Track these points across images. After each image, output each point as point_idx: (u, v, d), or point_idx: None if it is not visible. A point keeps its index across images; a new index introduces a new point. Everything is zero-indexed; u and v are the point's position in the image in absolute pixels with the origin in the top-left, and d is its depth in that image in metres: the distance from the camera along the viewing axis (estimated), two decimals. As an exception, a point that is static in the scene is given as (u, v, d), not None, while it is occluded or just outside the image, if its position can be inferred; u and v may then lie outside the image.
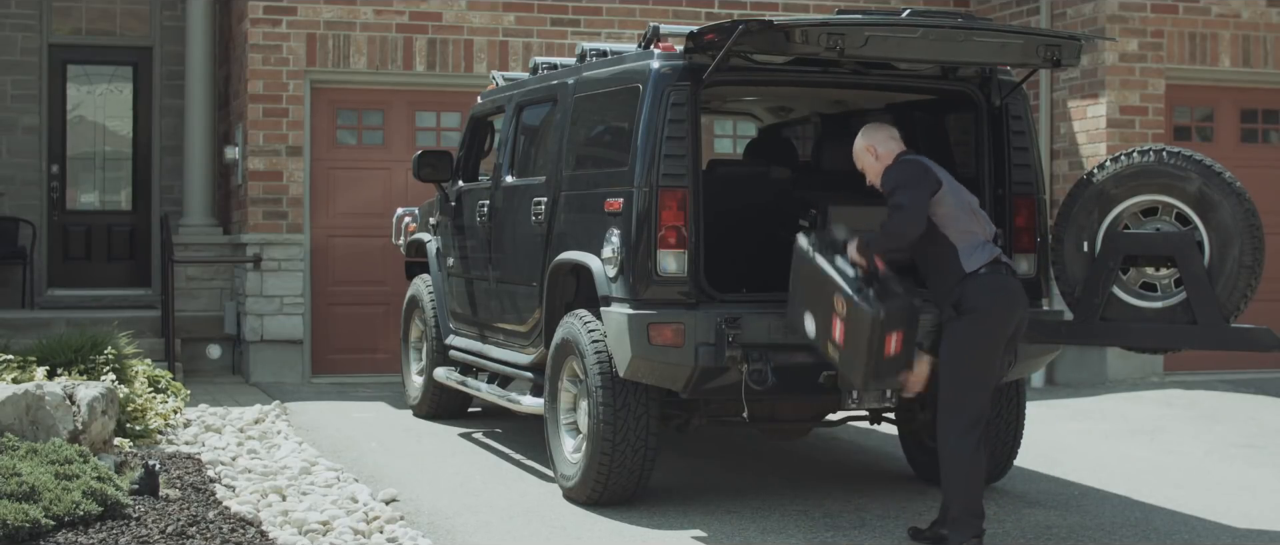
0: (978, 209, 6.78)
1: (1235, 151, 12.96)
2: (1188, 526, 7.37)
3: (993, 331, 6.56)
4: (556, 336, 7.83)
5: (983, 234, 6.66)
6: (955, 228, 6.61)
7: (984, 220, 6.75)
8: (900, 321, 6.51)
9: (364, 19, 12.81)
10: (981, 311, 6.51)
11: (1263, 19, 12.86)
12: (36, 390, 8.10)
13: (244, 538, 6.45)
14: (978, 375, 6.57)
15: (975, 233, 6.64)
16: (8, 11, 14.30)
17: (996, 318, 6.55)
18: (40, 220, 14.43)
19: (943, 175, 6.69)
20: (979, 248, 6.60)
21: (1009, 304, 6.59)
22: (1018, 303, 6.64)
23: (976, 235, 6.64)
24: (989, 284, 6.54)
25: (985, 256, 6.58)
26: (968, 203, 6.72)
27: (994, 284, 6.55)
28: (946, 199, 6.61)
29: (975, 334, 6.54)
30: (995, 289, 6.54)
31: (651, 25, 7.67)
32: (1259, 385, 12.07)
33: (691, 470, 8.63)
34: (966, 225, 6.63)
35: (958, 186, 6.75)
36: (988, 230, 6.72)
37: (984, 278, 6.55)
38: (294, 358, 12.78)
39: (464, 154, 10.03)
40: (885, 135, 6.91)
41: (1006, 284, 6.60)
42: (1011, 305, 6.60)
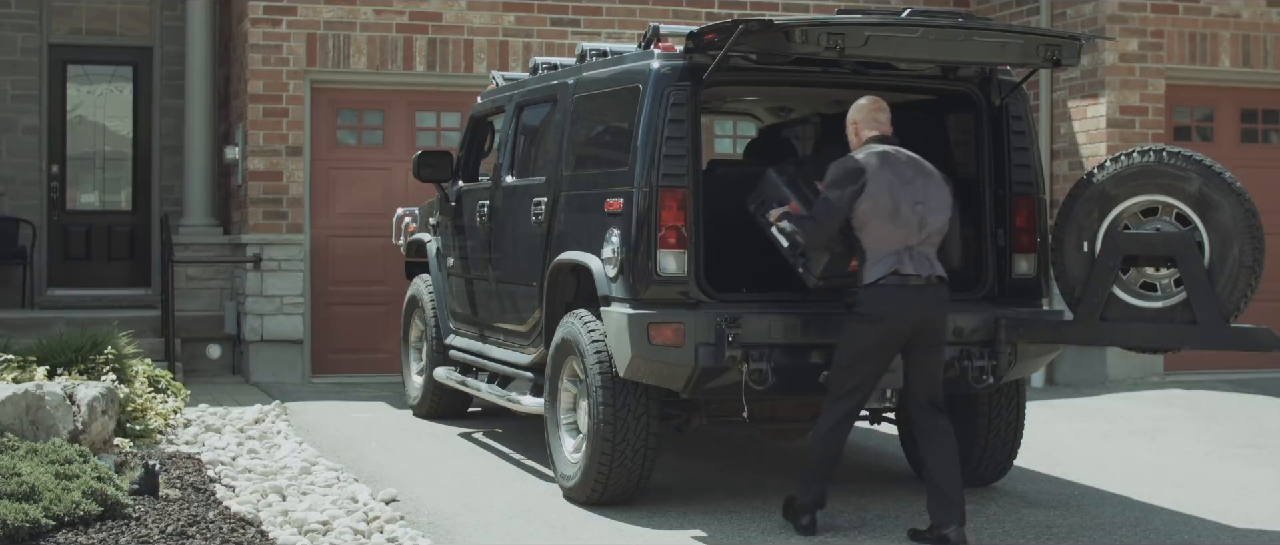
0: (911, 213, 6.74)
1: (1235, 151, 12.96)
2: (1188, 526, 7.37)
3: (880, 339, 6.76)
4: (556, 336, 7.82)
5: (898, 242, 6.72)
6: (868, 232, 6.75)
7: (912, 226, 6.74)
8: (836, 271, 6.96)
9: (364, 19, 12.81)
10: (870, 319, 6.74)
11: (1263, 19, 12.86)
12: (36, 390, 8.10)
13: (244, 538, 6.45)
14: (860, 375, 6.83)
15: (887, 241, 6.73)
16: (8, 11, 14.30)
17: (885, 327, 6.73)
18: (40, 220, 14.43)
19: (879, 177, 6.72)
20: (884, 258, 6.72)
21: (900, 315, 6.72)
22: (910, 313, 6.73)
23: (888, 244, 6.73)
24: (882, 295, 6.70)
25: (884, 268, 6.70)
26: (890, 208, 6.71)
27: (887, 296, 6.70)
28: (865, 204, 6.71)
29: (861, 338, 6.79)
30: (887, 301, 6.70)
31: (651, 25, 7.67)
32: (1259, 385, 12.07)
33: (691, 470, 8.63)
34: (880, 232, 6.73)
35: (896, 189, 6.73)
36: (915, 235, 6.74)
37: (879, 288, 6.71)
38: (294, 358, 12.78)
39: (464, 154, 10.03)
40: (870, 117, 7.00)
41: (901, 297, 6.70)
42: (902, 317, 6.72)
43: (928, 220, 6.79)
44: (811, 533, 6.96)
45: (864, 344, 6.79)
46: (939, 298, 6.84)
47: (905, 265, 6.72)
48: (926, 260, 6.79)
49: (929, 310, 6.80)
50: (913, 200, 6.77)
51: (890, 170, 6.77)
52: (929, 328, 6.83)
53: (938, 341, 6.92)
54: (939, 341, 6.93)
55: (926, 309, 6.78)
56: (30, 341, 10.74)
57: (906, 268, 6.72)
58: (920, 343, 6.85)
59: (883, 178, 6.73)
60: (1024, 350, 7.60)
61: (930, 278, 6.78)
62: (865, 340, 6.79)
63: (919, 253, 6.77)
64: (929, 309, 6.79)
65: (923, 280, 6.75)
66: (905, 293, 6.72)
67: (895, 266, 6.71)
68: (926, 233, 6.80)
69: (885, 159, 6.80)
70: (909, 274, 6.72)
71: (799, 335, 7.22)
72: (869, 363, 6.83)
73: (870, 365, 6.84)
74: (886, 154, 6.83)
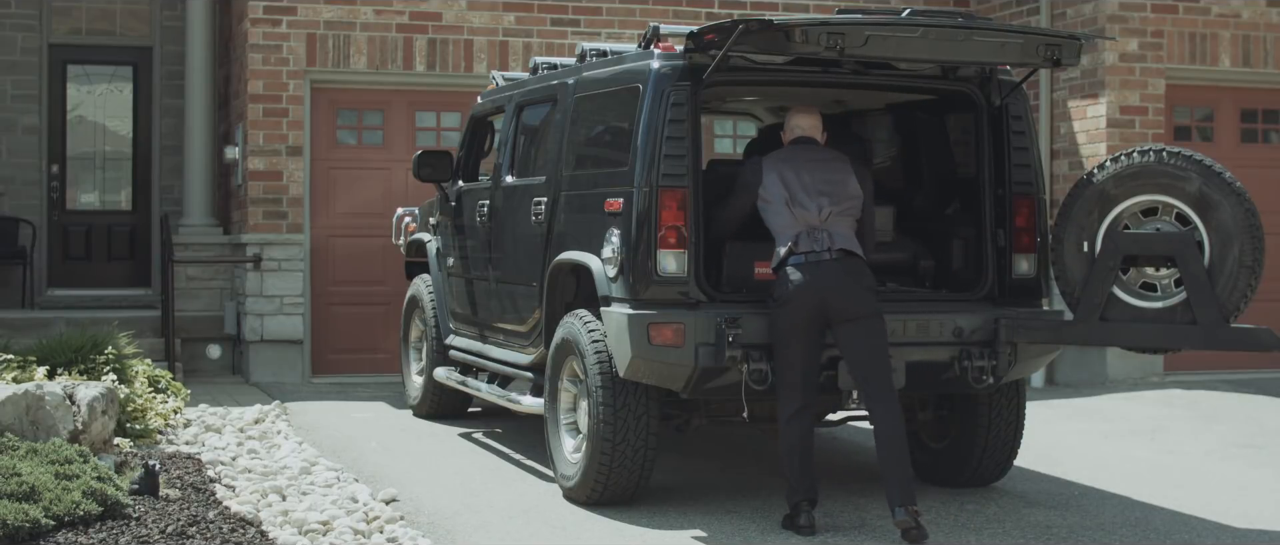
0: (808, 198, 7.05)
1: (1235, 151, 12.96)
2: (1188, 526, 7.37)
3: (793, 320, 6.93)
4: (556, 336, 7.82)
5: (799, 224, 7.01)
6: (772, 221, 7.11)
7: (809, 209, 7.02)
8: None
9: (364, 19, 12.81)
10: (779, 301, 6.97)
11: (1263, 19, 12.86)
12: (36, 390, 8.10)
13: (244, 538, 6.45)
14: (790, 362, 6.96)
15: (787, 226, 7.04)
16: (8, 11, 14.31)
17: (794, 307, 6.91)
18: (40, 220, 14.43)
19: (774, 170, 7.13)
20: (784, 241, 7.02)
21: (803, 290, 6.90)
22: (810, 287, 6.90)
23: (788, 228, 7.03)
24: (786, 276, 6.96)
25: (784, 249, 7.00)
26: (786, 196, 7.06)
27: (788, 275, 6.94)
28: (764, 193, 7.13)
29: (777, 322, 6.99)
30: (788, 280, 6.93)
31: (651, 25, 7.67)
32: (1259, 385, 12.07)
33: (691, 470, 8.63)
34: (779, 219, 7.07)
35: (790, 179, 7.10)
36: (814, 217, 7.01)
37: (785, 271, 6.97)
38: (294, 358, 12.78)
39: (464, 154, 10.03)
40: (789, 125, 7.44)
41: (801, 273, 6.91)
42: (805, 291, 6.89)
43: (824, 204, 7.06)
44: (810, 532, 6.96)
45: (780, 327, 6.97)
46: (842, 269, 6.96)
47: (801, 242, 6.96)
48: (826, 236, 6.99)
49: (831, 281, 6.91)
50: (810, 187, 7.08)
51: (787, 164, 7.17)
52: (840, 301, 6.91)
53: (859, 314, 6.94)
54: (859, 315, 6.94)
55: (828, 280, 6.91)
56: (30, 341, 10.74)
57: (802, 245, 6.96)
58: (839, 318, 6.93)
59: (776, 171, 7.13)
60: (1024, 350, 7.60)
61: (831, 250, 6.95)
62: (780, 323, 6.96)
63: (819, 231, 7.00)
64: (831, 279, 6.92)
65: (824, 253, 6.94)
66: (804, 268, 6.92)
67: (791, 245, 6.98)
68: (825, 214, 7.04)
69: (783, 155, 7.23)
70: (806, 251, 6.94)
71: None
72: (794, 346, 6.95)
73: (796, 349, 6.95)
74: (788, 149, 7.29)
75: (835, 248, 6.98)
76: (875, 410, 6.97)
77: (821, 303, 6.90)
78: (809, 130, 7.38)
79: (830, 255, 6.96)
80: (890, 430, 6.91)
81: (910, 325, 7.44)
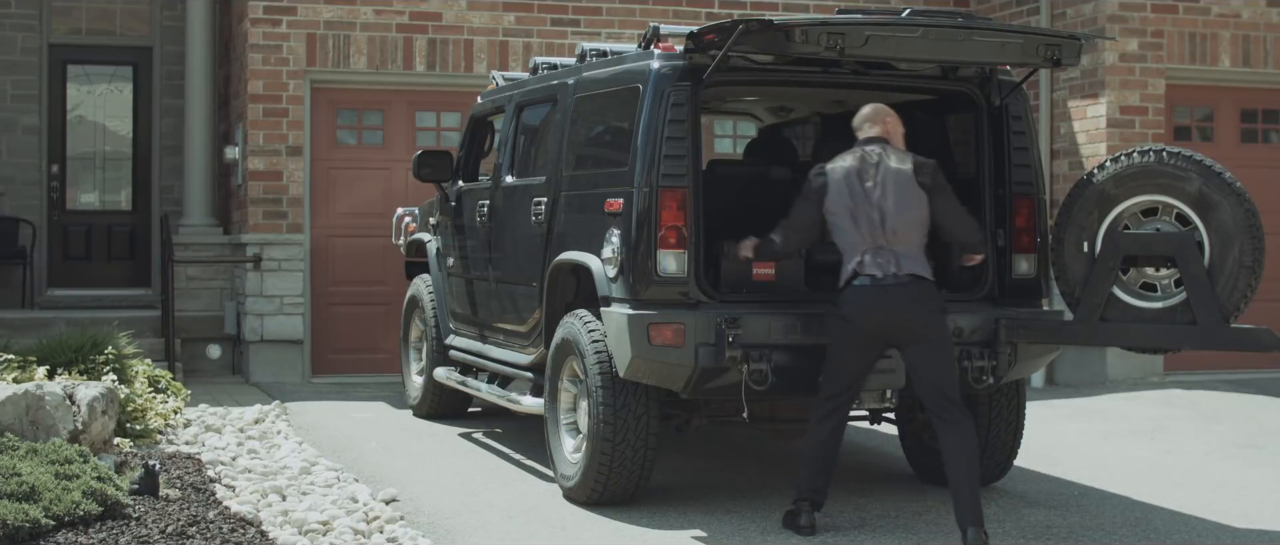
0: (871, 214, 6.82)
1: (1235, 151, 12.96)
2: (1188, 526, 7.37)
3: (853, 336, 6.88)
4: (556, 336, 7.82)
5: (865, 244, 6.81)
6: (839, 237, 6.93)
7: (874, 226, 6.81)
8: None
9: (364, 19, 12.81)
10: (845, 319, 6.88)
11: (1263, 19, 12.86)
12: (36, 390, 8.10)
13: (244, 538, 6.45)
14: (839, 371, 6.95)
15: (853, 244, 6.85)
16: (8, 11, 14.30)
17: (855, 326, 6.84)
18: (40, 220, 14.43)
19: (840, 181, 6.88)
20: (851, 259, 6.86)
21: (866, 315, 6.80)
22: (874, 313, 6.79)
23: (854, 246, 6.85)
24: (854, 297, 6.82)
25: (849, 271, 6.85)
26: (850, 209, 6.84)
27: (858, 298, 6.80)
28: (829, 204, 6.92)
29: (837, 332, 6.97)
30: (852, 301, 6.82)
31: (651, 25, 7.67)
32: (1259, 385, 12.07)
33: (691, 470, 8.63)
34: (847, 236, 6.88)
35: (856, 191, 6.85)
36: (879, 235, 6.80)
37: (852, 289, 6.84)
38: (294, 358, 12.78)
39: (464, 154, 10.03)
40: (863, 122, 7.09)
41: (865, 297, 6.78)
42: (868, 317, 6.80)
43: (888, 220, 6.81)
44: (810, 533, 6.97)
45: (839, 337, 6.95)
46: (908, 296, 6.79)
47: (866, 265, 6.80)
48: (893, 258, 6.80)
49: (896, 308, 6.78)
50: (877, 200, 6.83)
51: (854, 173, 6.89)
52: (907, 326, 6.80)
53: (926, 337, 6.82)
54: (928, 337, 6.82)
55: (893, 307, 6.77)
56: (30, 341, 10.74)
57: (867, 268, 6.80)
58: (907, 341, 6.83)
59: (843, 182, 6.89)
60: (1024, 350, 7.60)
61: (898, 277, 6.78)
62: (840, 334, 6.94)
63: (885, 251, 6.80)
64: (896, 307, 6.78)
65: (889, 279, 6.77)
66: (869, 292, 6.79)
67: (857, 267, 6.83)
68: (893, 232, 6.81)
69: (849, 163, 6.93)
70: (871, 274, 6.79)
71: (799, 335, 7.22)
72: (847, 362, 6.93)
73: (849, 364, 6.94)
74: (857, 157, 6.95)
75: (903, 273, 6.79)
76: (945, 430, 6.80)
77: (886, 328, 6.82)
78: (880, 131, 7.05)
79: (896, 281, 6.78)
80: (961, 450, 6.74)
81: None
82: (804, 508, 7.04)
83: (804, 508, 7.04)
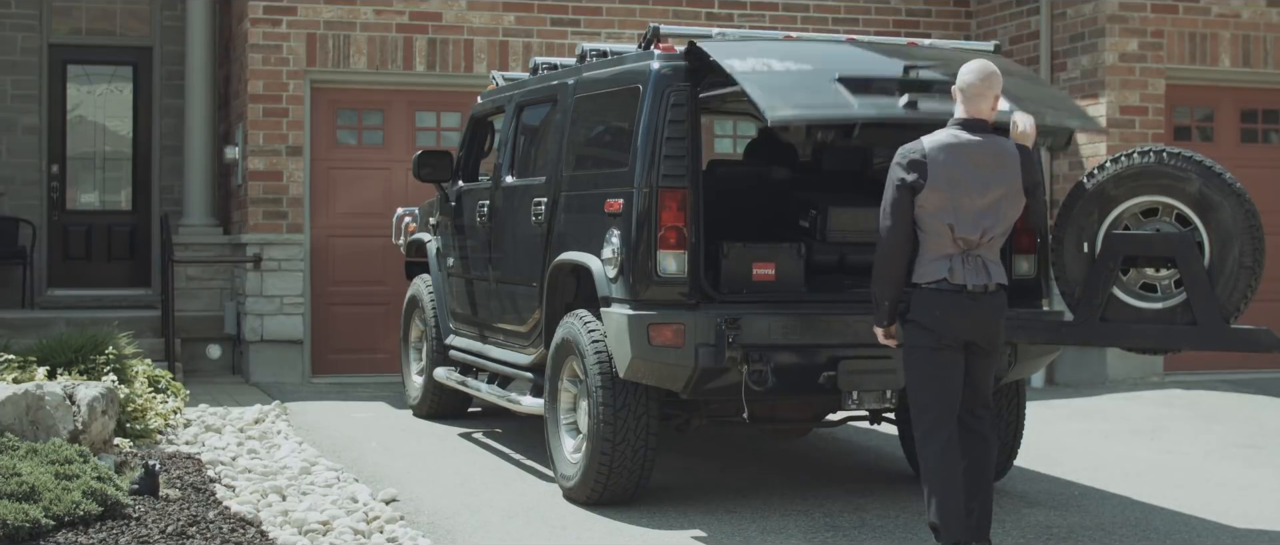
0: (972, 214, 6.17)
1: (1235, 151, 12.96)
2: (1188, 526, 7.37)
3: (935, 345, 6.21)
4: (556, 337, 7.83)
5: (956, 246, 6.18)
6: (924, 230, 6.22)
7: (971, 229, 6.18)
8: None
9: (364, 19, 12.82)
10: (922, 324, 6.22)
11: (1263, 19, 12.86)
12: (36, 390, 8.11)
13: (244, 538, 6.45)
14: (926, 380, 6.26)
15: (943, 245, 6.19)
16: (8, 11, 14.30)
17: (938, 336, 6.20)
18: (40, 220, 14.43)
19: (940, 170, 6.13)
20: (937, 261, 6.20)
21: (950, 327, 6.18)
22: (961, 327, 6.19)
23: (943, 248, 6.20)
24: (936, 303, 6.19)
25: (935, 273, 6.19)
26: (948, 205, 6.15)
27: (941, 305, 6.18)
28: (922, 200, 6.18)
29: (916, 341, 6.27)
30: (940, 311, 6.18)
31: (651, 25, 7.67)
32: (1259, 385, 12.07)
33: (691, 470, 8.63)
34: (935, 236, 6.20)
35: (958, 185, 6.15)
36: (975, 238, 6.19)
37: (935, 295, 6.19)
38: (294, 358, 12.78)
39: (464, 154, 10.03)
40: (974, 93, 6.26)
41: (954, 308, 6.18)
42: (954, 329, 6.18)
43: (992, 225, 6.24)
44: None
45: (919, 346, 6.24)
46: (992, 308, 6.27)
47: (956, 272, 6.18)
48: (981, 266, 6.23)
49: (982, 319, 6.25)
50: (975, 201, 6.20)
51: (954, 163, 6.17)
52: (984, 337, 6.30)
53: (991, 350, 6.37)
54: (992, 350, 6.37)
55: (979, 317, 6.24)
56: (30, 341, 10.74)
57: (958, 277, 6.18)
58: (973, 348, 6.31)
59: (941, 171, 6.15)
60: (1024, 350, 7.60)
61: (987, 288, 6.24)
62: (921, 342, 6.23)
63: (974, 257, 6.22)
64: (982, 317, 6.25)
65: (978, 289, 6.22)
66: (958, 302, 6.19)
67: (945, 273, 6.18)
68: (989, 237, 6.26)
69: (951, 146, 6.19)
70: (960, 283, 6.18)
71: (799, 335, 7.22)
72: (938, 372, 6.24)
73: (942, 376, 6.24)
74: (955, 141, 6.20)
75: (992, 284, 6.25)
76: (972, 438, 6.35)
77: (967, 335, 6.24)
78: (983, 110, 6.28)
79: (985, 292, 6.24)
80: (987, 459, 6.37)
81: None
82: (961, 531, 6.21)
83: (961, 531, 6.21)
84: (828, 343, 7.23)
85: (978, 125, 6.26)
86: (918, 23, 13.87)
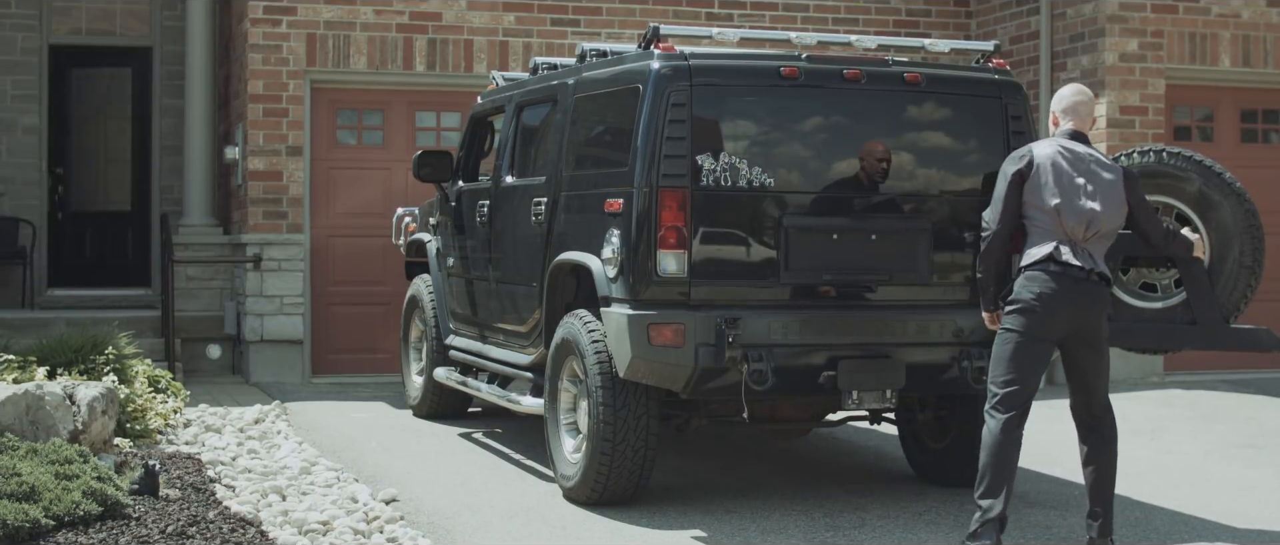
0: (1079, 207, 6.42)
1: (1235, 151, 12.96)
2: (1188, 526, 7.37)
3: (1030, 327, 6.41)
4: (556, 337, 7.83)
5: (1061, 233, 6.42)
6: (1033, 222, 6.49)
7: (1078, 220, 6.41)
8: None
9: (364, 19, 12.81)
10: (1021, 306, 6.43)
11: (1263, 19, 12.86)
12: (36, 390, 8.10)
13: (244, 538, 6.45)
14: (1014, 367, 6.44)
15: (1049, 231, 6.45)
16: (8, 11, 14.30)
17: (1037, 316, 6.39)
18: (40, 220, 14.43)
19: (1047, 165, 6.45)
20: (1043, 244, 6.44)
21: (1054, 306, 6.37)
22: (1064, 307, 6.38)
23: (1049, 234, 6.45)
24: (1042, 282, 6.39)
25: (1041, 253, 6.42)
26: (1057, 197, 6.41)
27: (1048, 284, 6.38)
28: (1029, 191, 6.48)
29: (1011, 325, 6.46)
30: (1046, 289, 6.38)
31: (651, 25, 7.66)
32: (1259, 385, 12.07)
33: (691, 470, 8.63)
34: (1041, 222, 6.46)
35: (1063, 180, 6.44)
36: (1080, 231, 6.42)
37: (1042, 275, 6.40)
38: (294, 358, 12.78)
39: (464, 154, 10.03)
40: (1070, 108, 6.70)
41: (1060, 287, 6.37)
42: (1057, 307, 6.37)
43: (1096, 219, 6.43)
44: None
45: (1013, 329, 6.45)
46: (1098, 294, 6.46)
47: (1063, 253, 6.40)
48: (1087, 255, 6.43)
49: (1087, 303, 6.43)
50: (1082, 195, 6.44)
51: (1062, 161, 6.49)
52: (1088, 325, 6.46)
53: (1099, 342, 6.53)
54: (1100, 343, 6.53)
55: (1085, 301, 6.41)
56: (30, 341, 10.74)
57: (1063, 256, 6.40)
58: (1078, 342, 6.50)
59: (1050, 167, 6.47)
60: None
61: (1092, 273, 6.42)
62: (1016, 326, 6.44)
63: (1080, 247, 6.43)
64: (1087, 301, 6.42)
65: (1083, 273, 6.40)
66: (1062, 280, 6.39)
67: (1053, 253, 6.41)
68: (1094, 231, 6.45)
69: (1061, 150, 6.52)
70: (1067, 262, 6.39)
71: (799, 335, 7.22)
72: (1024, 357, 6.43)
73: (1026, 360, 6.44)
74: (1064, 147, 6.55)
75: (1097, 271, 6.44)
76: (1096, 441, 6.58)
77: (1068, 321, 6.42)
78: (1084, 125, 6.69)
79: (1090, 279, 6.42)
80: (1111, 463, 6.55)
81: (910, 326, 7.44)
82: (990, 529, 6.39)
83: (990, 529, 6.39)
84: (827, 342, 7.23)
85: (1081, 137, 6.63)
86: (918, 23, 13.87)
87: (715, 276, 7.29)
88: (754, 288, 7.33)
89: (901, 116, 7.62)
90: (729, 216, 7.30)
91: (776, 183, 7.35)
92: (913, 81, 7.65)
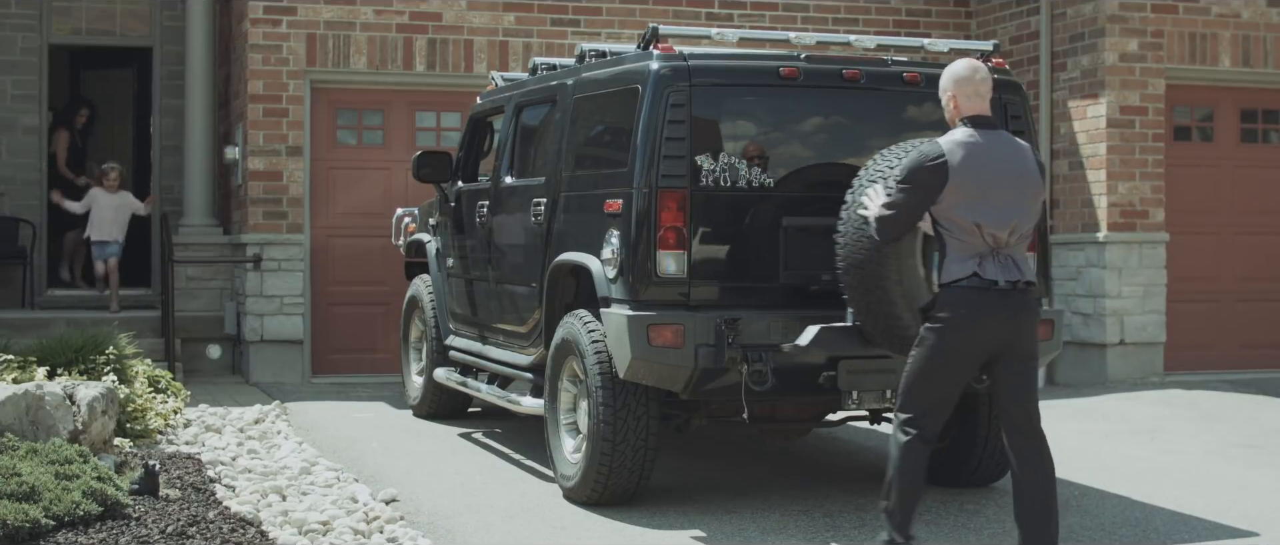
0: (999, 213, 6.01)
1: (1235, 151, 12.96)
2: (1188, 526, 7.37)
3: (956, 346, 6.04)
4: (556, 337, 7.83)
5: (984, 243, 6.00)
6: (949, 232, 6.06)
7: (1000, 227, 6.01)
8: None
9: (364, 19, 12.82)
10: (946, 323, 6.03)
11: (1263, 19, 12.86)
12: (36, 390, 8.10)
13: (244, 538, 6.45)
14: (932, 386, 6.12)
15: (969, 244, 6.02)
16: (8, 11, 14.30)
17: (963, 335, 6.03)
18: (40, 220, 14.42)
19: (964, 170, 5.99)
20: (965, 259, 6.03)
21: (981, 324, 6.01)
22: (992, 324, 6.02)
23: (970, 247, 6.02)
24: (964, 300, 6.00)
25: (963, 270, 6.01)
26: (975, 205, 5.98)
27: (970, 301, 5.99)
28: (946, 199, 6.01)
29: (935, 342, 6.07)
30: (969, 307, 6.00)
31: (651, 25, 7.67)
32: (1259, 385, 12.07)
33: (691, 470, 8.63)
34: (959, 235, 6.03)
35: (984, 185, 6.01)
36: (1003, 236, 6.02)
37: (963, 291, 6.01)
38: (294, 358, 12.79)
39: (464, 154, 10.03)
40: (971, 89, 6.15)
41: (985, 304, 5.99)
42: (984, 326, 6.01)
43: (1020, 223, 6.09)
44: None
45: (936, 347, 6.05)
46: (1024, 305, 6.09)
47: (987, 268, 6.00)
48: (1012, 264, 6.05)
49: (1015, 317, 6.05)
50: (1001, 198, 6.04)
51: (976, 163, 6.02)
52: (1017, 340, 6.08)
53: (1029, 353, 6.15)
54: (1030, 354, 6.16)
55: (1012, 315, 6.04)
56: (30, 341, 10.73)
57: (989, 272, 6.00)
58: (1006, 355, 6.09)
59: (964, 173, 5.99)
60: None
61: (1017, 284, 6.05)
62: (939, 344, 6.04)
63: (1003, 255, 6.04)
64: (1015, 315, 6.05)
65: (1008, 285, 6.01)
66: (988, 296, 5.99)
67: (976, 269, 6.00)
68: (1017, 236, 6.09)
69: (971, 149, 6.04)
70: (991, 278, 5.99)
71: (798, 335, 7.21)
72: (945, 376, 6.11)
73: (947, 379, 6.12)
74: (976, 143, 6.06)
75: (1023, 280, 6.06)
76: (1026, 460, 6.12)
77: (997, 338, 6.04)
78: (984, 107, 6.18)
79: (1018, 289, 6.04)
80: (1044, 485, 6.09)
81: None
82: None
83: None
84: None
85: (985, 121, 6.15)
86: (918, 23, 13.87)
87: (715, 277, 7.29)
88: (754, 288, 7.34)
89: (901, 116, 7.62)
90: (728, 217, 7.32)
91: (776, 183, 7.36)
92: (912, 81, 7.66)
